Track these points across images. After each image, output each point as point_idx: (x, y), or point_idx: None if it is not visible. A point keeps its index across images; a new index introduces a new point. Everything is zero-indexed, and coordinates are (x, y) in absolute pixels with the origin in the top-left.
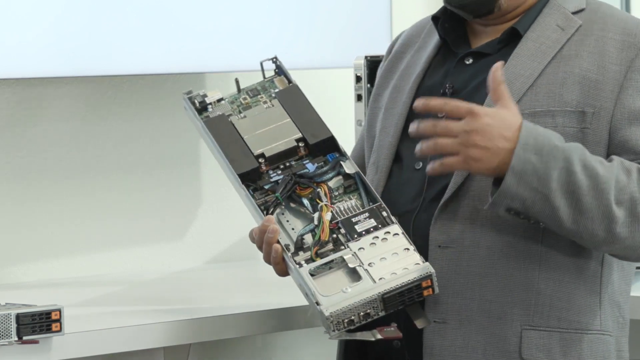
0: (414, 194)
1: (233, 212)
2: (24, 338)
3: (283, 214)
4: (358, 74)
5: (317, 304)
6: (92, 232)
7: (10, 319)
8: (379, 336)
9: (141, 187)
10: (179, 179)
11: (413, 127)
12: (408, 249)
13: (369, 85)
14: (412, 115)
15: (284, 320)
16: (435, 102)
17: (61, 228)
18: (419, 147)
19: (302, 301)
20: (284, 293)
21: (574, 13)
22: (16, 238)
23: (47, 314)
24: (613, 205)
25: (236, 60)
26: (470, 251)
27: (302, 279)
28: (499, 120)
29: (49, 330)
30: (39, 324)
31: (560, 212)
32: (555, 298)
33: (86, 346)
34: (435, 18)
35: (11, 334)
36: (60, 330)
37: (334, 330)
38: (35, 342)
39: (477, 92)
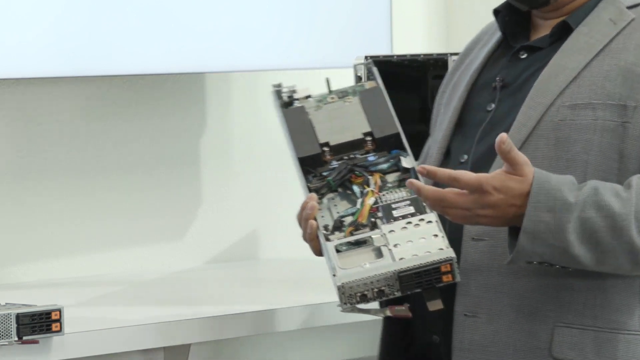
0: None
1: (233, 212)
2: (24, 338)
3: (333, 199)
4: (358, 74)
5: (334, 275)
6: (92, 232)
7: (10, 319)
8: (388, 313)
9: (141, 187)
10: (179, 179)
11: (411, 184)
12: (437, 235)
13: None
14: (465, 109)
15: (283, 320)
16: (443, 175)
17: (61, 228)
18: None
19: (301, 301)
20: (284, 293)
21: (630, 7)
22: (16, 238)
23: (47, 314)
24: (635, 239)
25: (236, 60)
26: (504, 245)
27: (327, 252)
28: (508, 193)
29: (49, 330)
30: (39, 324)
31: (581, 259)
32: (591, 296)
33: (86, 346)
34: (496, 11)
35: (11, 334)
36: (60, 330)
37: (345, 303)
38: (35, 342)
39: (525, 86)
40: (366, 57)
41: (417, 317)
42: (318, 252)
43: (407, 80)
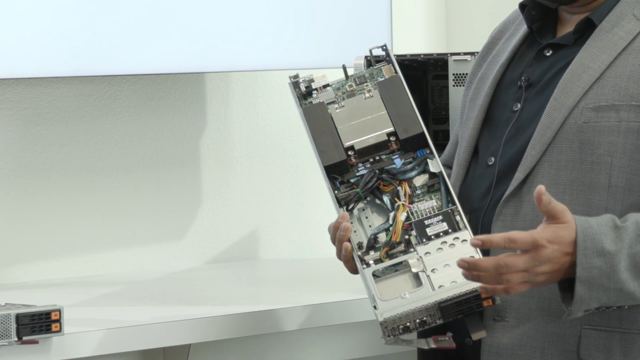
0: (484, 191)
1: (233, 212)
2: (24, 338)
3: (364, 209)
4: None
5: (375, 307)
6: (92, 232)
7: (10, 319)
8: (432, 345)
9: (141, 187)
10: (179, 179)
11: (465, 272)
12: (473, 257)
13: None
14: (492, 107)
15: (283, 320)
16: (498, 241)
17: (61, 228)
18: (478, 286)
19: (301, 301)
20: (284, 293)
21: None
22: (16, 238)
23: (47, 314)
24: None
25: (236, 60)
26: None
27: (365, 280)
28: (561, 242)
29: (48, 330)
30: (38, 324)
31: (637, 294)
32: None
33: (86, 346)
34: (522, 5)
35: (11, 334)
36: (60, 331)
37: (388, 336)
38: (35, 342)
39: (549, 85)
40: (366, 57)
41: (436, 330)
42: (354, 271)
43: (407, 80)
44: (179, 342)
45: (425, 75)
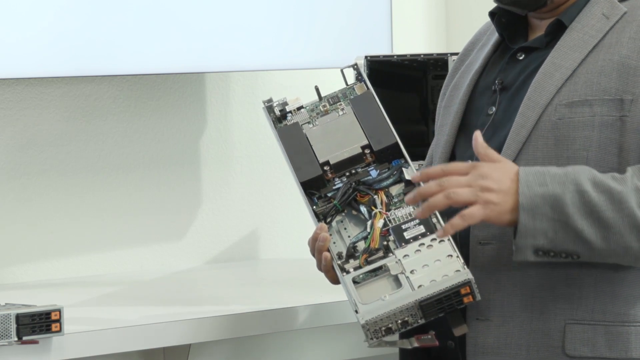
0: None
1: (233, 212)
2: (24, 338)
3: (342, 221)
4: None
5: (356, 312)
6: (92, 232)
7: (10, 319)
8: (415, 344)
9: (141, 187)
10: (179, 179)
11: (410, 196)
12: (451, 255)
13: None
14: (467, 113)
15: (284, 320)
16: (434, 170)
17: (61, 228)
18: (422, 208)
19: (301, 301)
20: (284, 293)
21: (621, 1)
22: (16, 238)
23: (47, 314)
24: (637, 212)
25: (236, 60)
26: (510, 247)
27: (346, 286)
28: (499, 166)
29: (48, 330)
30: (38, 324)
31: (586, 234)
32: (599, 291)
33: (86, 346)
34: (492, 14)
35: (11, 334)
36: (60, 331)
37: (371, 339)
38: (35, 342)
39: (523, 87)
40: (366, 57)
41: (431, 323)
42: (335, 281)
43: (407, 80)
44: (179, 342)
45: (425, 75)
